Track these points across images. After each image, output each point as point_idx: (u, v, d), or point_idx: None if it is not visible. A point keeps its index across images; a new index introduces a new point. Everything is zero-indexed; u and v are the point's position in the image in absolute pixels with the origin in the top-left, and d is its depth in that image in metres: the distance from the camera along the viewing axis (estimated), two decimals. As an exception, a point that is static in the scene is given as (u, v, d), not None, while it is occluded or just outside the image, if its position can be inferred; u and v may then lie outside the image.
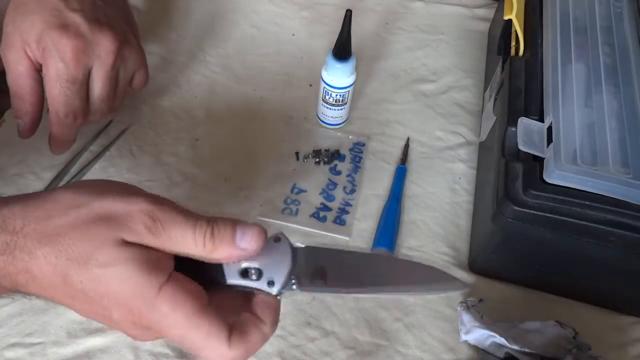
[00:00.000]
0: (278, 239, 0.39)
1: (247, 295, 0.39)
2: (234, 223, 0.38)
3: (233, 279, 0.38)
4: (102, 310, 0.37)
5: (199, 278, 0.38)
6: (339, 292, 0.40)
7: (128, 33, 0.57)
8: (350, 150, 0.66)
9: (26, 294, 0.41)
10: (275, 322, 0.38)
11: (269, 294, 0.39)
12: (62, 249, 0.36)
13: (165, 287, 0.36)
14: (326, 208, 0.62)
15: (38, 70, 0.53)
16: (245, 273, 0.39)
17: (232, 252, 0.37)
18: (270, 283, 0.38)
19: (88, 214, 0.36)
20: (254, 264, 0.38)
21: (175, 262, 0.38)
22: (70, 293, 0.36)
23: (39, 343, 0.52)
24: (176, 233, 0.37)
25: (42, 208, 0.37)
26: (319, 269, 0.40)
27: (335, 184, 0.64)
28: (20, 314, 0.53)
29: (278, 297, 0.39)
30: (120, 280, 0.35)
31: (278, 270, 0.38)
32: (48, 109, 0.54)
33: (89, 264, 0.35)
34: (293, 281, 0.39)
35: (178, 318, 0.36)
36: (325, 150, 0.66)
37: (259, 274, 0.38)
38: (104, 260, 0.35)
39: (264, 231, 0.38)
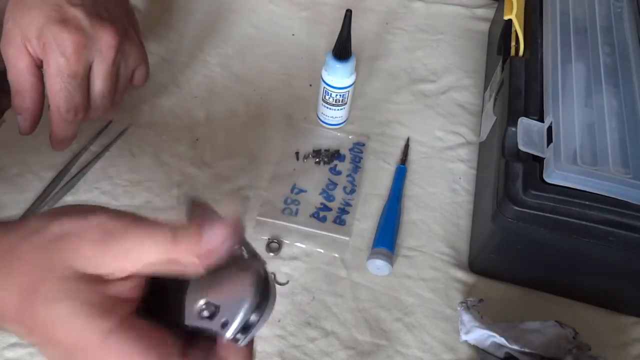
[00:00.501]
0: (248, 267, 0.32)
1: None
2: (199, 225, 0.33)
3: (190, 320, 0.32)
4: (46, 351, 0.33)
5: (167, 321, 0.32)
6: None
7: (129, 28, 0.57)
8: (350, 150, 0.66)
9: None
10: None
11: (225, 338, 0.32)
12: (16, 280, 0.32)
13: (112, 335, 0.31)
14: (326, 208, 0.62)
15: (39, 67, 0.53)
16: (201, 312, 0.32)
17: (197, 247, 0.32)
18: (224, 323, 0.31)
19: (45, 236, 0.33)
20: (215, 299, 0.32)
21: (144, 307, 0.33)
22: (25, 329, 0.33)
23: (39, 343, 0.52)
24: (132, 240, 0.32)
25: (6, 238, 0.34)
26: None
27: (335, 184, 0.64)
28: (20, 314, 0.53)
29: (240, 342, 0.32)
30: (60, 320, 0.31)
31: (236, 308, 0.31)
32: (49, 106, 0.54)
33: (35, 299, 0.31)
34: (253, 324, 0.32)
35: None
36: (325, 150, 0.66)
37: (215, 310, 0.31)
38: (48, 295, 0.31)
39: (237, 223, 0.32)
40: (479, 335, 0.51)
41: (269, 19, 0.78)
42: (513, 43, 0.60)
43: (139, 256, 0.32)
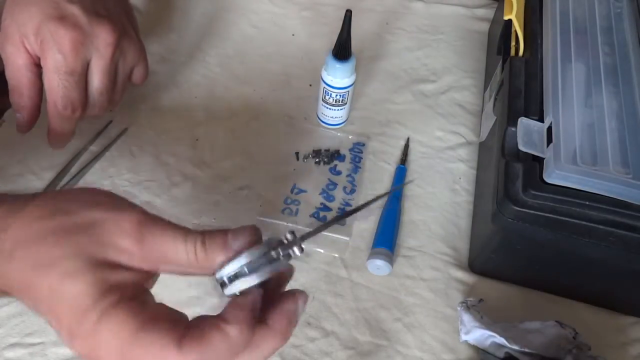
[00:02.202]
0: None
1: None
2: (225, 230, 0.36)
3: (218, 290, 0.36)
4: (50, 322, 0.34)
5: None
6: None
7: (127, 26, 0.57)
8: (350, 150, 0.66)
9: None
10: (245, 320, 0.34)
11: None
12: (32, 253, 0.34)
13: (108, 313, 0.32)
14: (326, 208, 0.62)
15: (36, 63, 0.53)
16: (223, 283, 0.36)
17: (225, 256, 0.35)
18: (220, 266, 0.35)
19: (75, 221, 0.34)
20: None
21: None
22: (33, 301, 0.34)
23: (39, 343, 0.52)
24: (167, 241, 0.35)
25: (29, 212, 0.35)
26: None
27: (335, 184, 0.64)
28: (20, 314, 0.53)
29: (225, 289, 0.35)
30: (67, 296, 0.32)
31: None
32: (47, 103, 0.54)
33: (51, 271, 0.33)
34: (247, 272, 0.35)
35: (114, 344, 0.32)
36: (325, 150, 0.66)
37: (231, 279, 0.35)
38: (67, 270, 0.33)
39: (256, 228, 0.37)
40: (479, 335, 0.51)
41: (269, 19, 0.78)
42: (513, 43, 0.60)
43: (174, 257, 0.35)
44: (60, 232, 0.34)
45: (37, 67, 0.53)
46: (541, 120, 0.52)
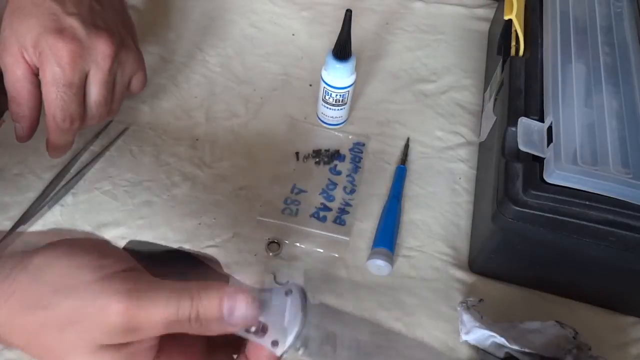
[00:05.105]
0: (290, 291, 0.35)
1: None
2: (220, 297, 0.34)
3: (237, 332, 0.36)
4: None
5: None
6: None
7: (125, 37, 0.57)
8: (350, 150, 0.66)
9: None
10: None
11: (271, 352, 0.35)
12: (38, 349, 0.34)
13: None
14: (326, 208, 0.62)
15: (35, 74, 0.53)
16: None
17: (222, 329, 0.34)
18: (275, 343, 0.35)
19: (58, 317, 0.33)
20: (264, 319, 0.35)
21: None
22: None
23: (39, 343, 0.52)
24: (157, 322, 0.33)
25: (5, 299, 0.34)
26: (329, 336, 0.36)
27: (335, 184, 0.64)
28: (20, 314, 0.53)
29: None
30: None
31: (285, 331, 0.35)
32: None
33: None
34: (299, 344, 0.35)
35: None
36: (325, 150, 0.66)
37: (264, 329, 0.35)
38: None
39: (253, 300, 0.35)
40: (479, 335, 0.51)
41: (269, 19, 0.78)
42: (513, 43, 0.60)
43: (167, 329, 0.34)
44: (52, 329, 0.33)
45: (36, 77, 0.54)
46: (541, 120, 0.52)
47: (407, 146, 0.67)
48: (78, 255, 0.35)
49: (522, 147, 0.49)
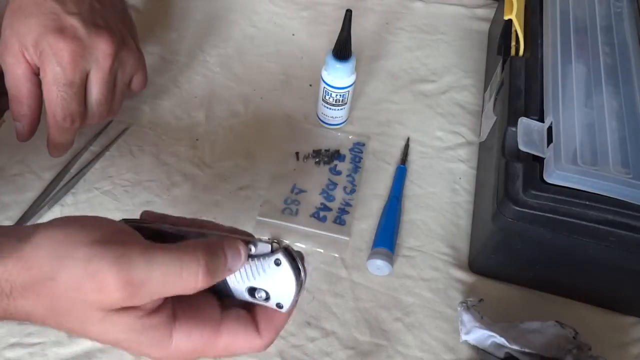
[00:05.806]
0: (278, 261, 0.38)
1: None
2: (224, 248, 0.37)
3: (242, 296, 0.40)
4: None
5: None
6: None
7: (126, 36, 0.57)
8: (350, 150, 0.66)
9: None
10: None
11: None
12: (59, 321, 0.35)
13: (176, 335, 0.36)
14: (326, 208, 0.62)
15: (36, 74, 0.53)
16: (252, 291, 0.39)
17: (225, 275, 0.38)
18: (279, 305, 0.39)
19: (64, 285, 0.34)
20: (260, 286, 0.39)
21: None
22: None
23: (39, 343, 0.52)
24: (164, 282, 0.35)
25: (18, 267, 0.35)
26: None
27: (335, 184, 0.64)
28: (20, 314, 0.53)
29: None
30: (129, 341, 0.36)
31: (285, 295, 0.39)
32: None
33: (89, 332, 0.35)
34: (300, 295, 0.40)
35: (197, 345, 0.37)
36: (325, 150, 0.66)
37: (267, 295, 0.39)
38: (100, 330, 0.35)
39: (242, 247, 0.38)
40: (479, 335, 0.51)
41: (269, 19, 0.78)
42: (513, 43, 0.60)
43: (172, 292, 0.35)
44: (60, 301, 0.34)
45: (37, 76, 0.54)
46: (541, 120, 0.52)
47: (407, 146, 0.67)
48: (71, 226, 0.36)
49: (522, 147, 0.49)
